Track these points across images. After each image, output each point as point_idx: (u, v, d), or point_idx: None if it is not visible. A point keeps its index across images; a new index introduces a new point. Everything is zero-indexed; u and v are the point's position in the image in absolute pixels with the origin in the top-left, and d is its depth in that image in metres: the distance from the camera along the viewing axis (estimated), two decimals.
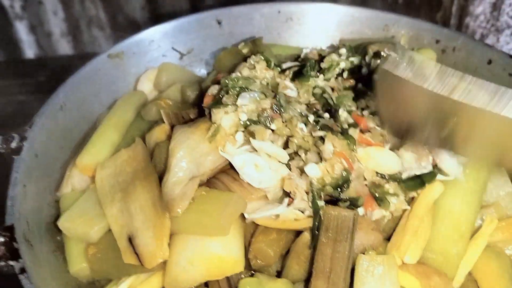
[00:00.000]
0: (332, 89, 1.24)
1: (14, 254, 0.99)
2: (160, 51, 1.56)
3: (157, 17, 1.78)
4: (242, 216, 1.08)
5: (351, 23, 1.65)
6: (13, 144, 1.16)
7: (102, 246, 1.10)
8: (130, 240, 1.06)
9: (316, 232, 1.05)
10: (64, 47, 2.57)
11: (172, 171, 1.07)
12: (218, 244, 1.03)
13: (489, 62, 1.46)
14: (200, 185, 1.09)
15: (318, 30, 1.66)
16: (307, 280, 1.05)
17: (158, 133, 1.20)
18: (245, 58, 1.29)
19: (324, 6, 1.65)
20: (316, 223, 1.05)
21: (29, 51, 2.52)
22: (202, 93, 1.36)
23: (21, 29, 2.42)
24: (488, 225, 1.12)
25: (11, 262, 0.98)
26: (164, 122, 1.22)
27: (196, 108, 1.27)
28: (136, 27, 1.63)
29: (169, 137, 1.14)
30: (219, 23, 1.62)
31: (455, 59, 1.50)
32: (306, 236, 1.07)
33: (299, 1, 1.65)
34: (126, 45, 1.50)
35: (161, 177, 1.11)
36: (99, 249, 1.10)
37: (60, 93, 1.32)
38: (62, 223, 1.13)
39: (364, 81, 1.25)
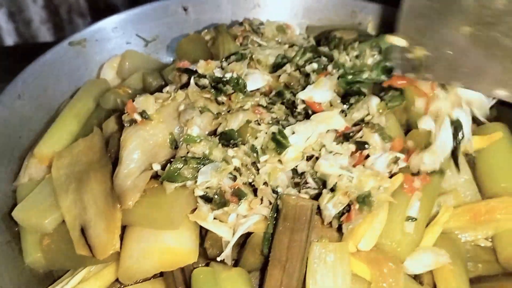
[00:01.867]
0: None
1: None
2: (124, 38, 1.54)
3: (138, 5, 1.76)
4: None
5: (318, 9, 1.64)
6: None
7: (56, 236, 1.10)
8: (83, 231, 1.05)
9: (274, 221, 1.05)
10: (44, 35, 2.53)
11: (124, 163, 1.06)
12: (171, 236, 1.02)
13: None
14: (154, 177, 1.07)
15: (285, 17, 1.64)
16: (263, 269, 1.05)
17: (115, 122, 1.19)
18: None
19: None
20: (275, 212, 1.05)
21: (9, 39, 2.49)
22: (164, 82, 1.35)
23: (0, 17, 2.38)
24: (444, 213, 1.12)
25: None
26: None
27: None
28: None
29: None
30: (185, 9, 1.60)
31: None
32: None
33: None
34: (88, 32, 1.48)
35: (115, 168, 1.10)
36: (53, 240, 1.10)
37: (19, 82, 1.30)
38: (16, 213, 1.12)
39: None
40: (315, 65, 1.26)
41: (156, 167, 1.08)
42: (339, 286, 0.97)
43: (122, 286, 1.08)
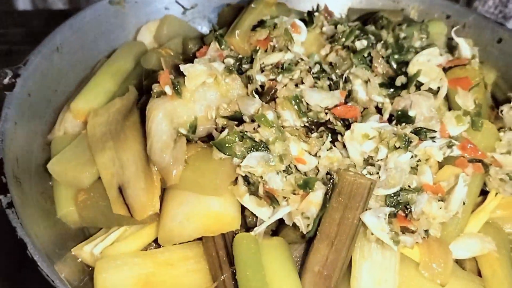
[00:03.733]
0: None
1: (2, 189, 0.95)
2: (163, 3, 1.51)
3: None
4: None
5: None
6: (6, 80, 1.11)
7: (92, 193, 1.06)
8: (121, 190, 1.01)
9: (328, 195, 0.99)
10: (57, 4, 2.50)
11: (156, 135, 1.01)
12: (216, 201, 1.00)
13: (499, 40, 1.43)
14: (189, 141, 1.04)
15: None
16: (310, 241, 1.01)
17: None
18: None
19: None
20: (329, 186, 0.99)
21: (22, 6, 2.45)
22: None
23: None
24: (491, 200, 1.10)
25: None
26: None
27: None
28: None
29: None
30: None
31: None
32: None
33: None
34: None
35: None
36: (89, 196, 1.06)
37: (57, 35, 1.26)
38: (52, 166, 1.08)
39: None
40: (364, 42, 1.24)
41: (183, 131, 1.04)
42: (387, 262, 0.95)
43: (157, 247, 1.05)
